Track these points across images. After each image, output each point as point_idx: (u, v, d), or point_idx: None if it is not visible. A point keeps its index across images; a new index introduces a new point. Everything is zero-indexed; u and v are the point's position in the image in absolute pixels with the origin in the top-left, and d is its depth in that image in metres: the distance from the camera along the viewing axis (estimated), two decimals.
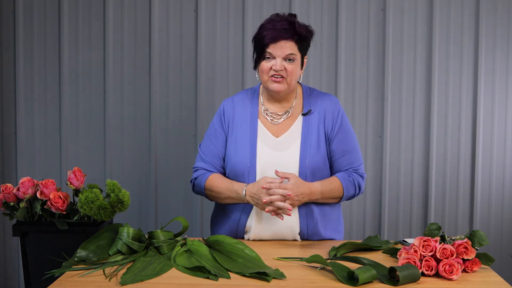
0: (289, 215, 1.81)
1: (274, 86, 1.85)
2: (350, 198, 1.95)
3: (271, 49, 1.82)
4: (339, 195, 1.91)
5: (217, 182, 1.91)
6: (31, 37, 2.88)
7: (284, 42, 1.82)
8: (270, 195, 1.77)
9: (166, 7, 2.85)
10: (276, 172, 1.81)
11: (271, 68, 1.84)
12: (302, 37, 1.85)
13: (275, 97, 1.92)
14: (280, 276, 1.49)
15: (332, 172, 1.95)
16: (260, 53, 1.85)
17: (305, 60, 1.92)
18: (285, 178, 1.80)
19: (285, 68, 1.83)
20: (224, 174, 1.96)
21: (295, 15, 1.88)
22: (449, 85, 2.85)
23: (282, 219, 1.80)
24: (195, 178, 1.97)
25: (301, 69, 1.90)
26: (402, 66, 2.84)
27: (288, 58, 1.83)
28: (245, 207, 1.89)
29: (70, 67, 2.87)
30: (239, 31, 2.84)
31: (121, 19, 2.86)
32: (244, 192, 1.83)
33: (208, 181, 1.92)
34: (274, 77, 1.84)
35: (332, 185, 1.89)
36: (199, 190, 1.97)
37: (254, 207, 1.88)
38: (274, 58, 1.83)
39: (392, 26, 2.83)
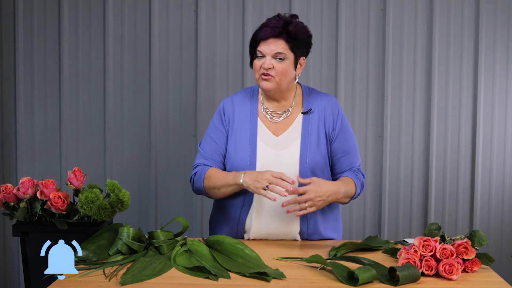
0: (298, 215, 1.77)
1: (263, 84, 1.86)
2: (356, 197, 1.95)
3: (262, 47, 1.83)
4: (352, 194, 1.91)
5: (215, 171, 1.90)
6: (31, 37, 2.88)
7: (273, 40, 1.82)
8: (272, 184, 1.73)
9: (166, 7, 2.85)
10: (298, 178, 1.77)
11: (261, 66, 1.84)
12: (292, 35, 1.83)
13: (270, 96, 1.92)
14: (280, 276, 1.49)
15: (333, 172, 1.95)
16: (253, 51, 1.87)
17: (302, 61, 1.90)
18: (306, 183, 1.76)
19: (274, 67, 1.83)
20: (224, 170, 1.96)
21: (296, 16, 1.88)
22: (449, 85, 2.85)
23: (288, 213, 1.76)
24: (195, 174, 1.94)
25: (296, 70, 1.89)
26: (402, 66, 2.84)
27: (278, 57, 1.83)
28: (244, 206, 1.89)
29: (70, 67, 2.87)
30: (239, 31, 2.84)
31: (121, 19, 2.86)
32: (243, 174, 1.79)
33: (208, 172, 1.89)
34: (264, 75, 1.84)
35: (349, 185, 1.89)
36: (198, 185, 1.92)
37: (253, 206, 1.88)
38: (264, 56, 1.84)
39: (392, 26, 2.83)
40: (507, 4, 2.82)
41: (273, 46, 1.82)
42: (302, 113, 1.93)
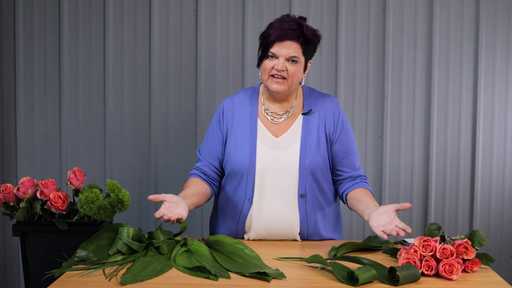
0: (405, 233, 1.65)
1: (274, 87, 1.85)
2: None
3: (276, 48, 1.81)
4: None
5: (189, 183, 1.93)
6: (31, 37, 2.87)
7: (289, 43, 1.81)
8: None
9: (166, 7, 2.85)
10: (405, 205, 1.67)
11: (273, 67, 1.83)
12: (308, 40, 1.83)
13: (275, 97, 1.92)
14: (280, 276, 1.49)
15: (335, 173, 1.95)
16: (264, 51, 1.84)
17: (309, 64, 1.91)
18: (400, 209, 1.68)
19: (286, 69, 1.82)
20: (218, 174, 1.97)
21: (305, 18, 1.87)
22: (449, 85, 2.85)
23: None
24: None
25: (304, 73, 1.90)
26: (402, 66, 2.84)
27: (292, 60, 1.82)
28: (244, 206, 1.89)
29: (70, 68, 2.87)
30: (239, 31, 2.84)
31: (121, 19, 2.86)
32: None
33: (188, 181, 1.95)
34: (275, 77, 1.83)
35: (373, 198, 1.89)
36: None
37: (253, 206, 1.88)
38: (277, 57, 1.82)
39: (392, 26, 2.83)
40: (507, 4, 2.82)
41: (289, 49, 1.81)
42: (302, 114, 1.93)
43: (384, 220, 1.66)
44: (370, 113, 2.86)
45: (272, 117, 1.93)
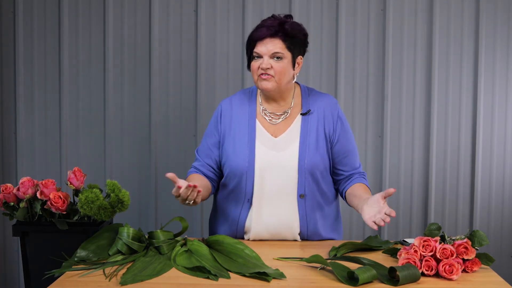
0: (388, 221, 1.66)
1: (262, 84, 1.84)
2: None
3: (258, 47, 1.82)
4: None
5: (191, 178, 1.92)
6: (31, 37, 2.88)
7: (269, 39, 1.81)
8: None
9: (166, 7, 2.85)
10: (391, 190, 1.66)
11: (258, 67, 1.83)
12: (288, 34, 1.82)
13: (269, 96, 1.91)
14: (280, 276, 1.49)
15: (335, 172, 1.95)
16: (250, 53, 1.86)
17: (300, 60, 1.90)
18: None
19: (272, 67, 1.82)
20: (216, 175, 1.97)
21: (291, 16, 1.88)
22: (449, 85, 2.85)
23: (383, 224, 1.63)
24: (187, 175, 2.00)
25: (294, 69, 1.89)
26: (402, 66, 2.84)
27: (276, 56, 1.82)
28: (244, 207, 1.89)
29: (70, 67, 2.87)
30: (239, 31, 2.84)
31: (121, 19, 2.86)
32: None
33: (188, 177, 1.94)
34: (262, 75, 1.84)
35: (368, 192, 1.90)
36: None
37: (253, 207, 1.88)
38: (262, 57, 1.83)
39: (392, 26, 2.83)
40: (507, 4, 2.82)
41: (270, 46, 1.81)
42: (301, 114, 1.92)
43: (374, 210, 1.66)
44: (370, 113, 2.86)
45: (270, 118, 1.93)
